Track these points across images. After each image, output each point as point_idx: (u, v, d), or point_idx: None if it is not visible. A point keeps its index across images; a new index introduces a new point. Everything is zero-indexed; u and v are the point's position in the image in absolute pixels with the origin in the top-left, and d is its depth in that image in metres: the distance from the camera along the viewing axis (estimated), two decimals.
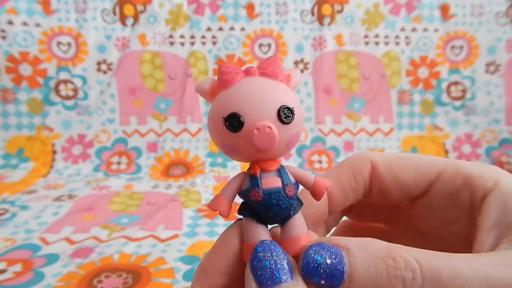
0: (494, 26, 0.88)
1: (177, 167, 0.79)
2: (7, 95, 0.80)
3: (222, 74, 0.15)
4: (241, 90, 0.14)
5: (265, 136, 0.13)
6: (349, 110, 0.89)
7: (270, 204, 0.14)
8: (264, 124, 0.13)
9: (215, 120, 0.14)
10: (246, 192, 0.15)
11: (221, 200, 0.15)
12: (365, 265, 0.12)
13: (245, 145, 0.14)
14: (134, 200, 0.61)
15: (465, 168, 0.17)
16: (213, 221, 0.52)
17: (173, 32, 0.85)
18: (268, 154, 0.14)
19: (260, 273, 0.13)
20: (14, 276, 0.38)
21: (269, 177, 0.15)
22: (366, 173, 0.18)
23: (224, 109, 0.14)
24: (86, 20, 0.82)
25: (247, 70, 0.15)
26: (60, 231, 0.48)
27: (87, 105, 0.83)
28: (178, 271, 0.39)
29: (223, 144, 0.15)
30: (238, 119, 0.14)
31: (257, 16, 0.87)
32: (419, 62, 0.90)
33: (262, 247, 0.13)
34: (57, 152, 0.79)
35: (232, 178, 0.16)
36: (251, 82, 0.14)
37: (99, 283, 0.36)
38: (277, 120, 0.14)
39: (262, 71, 0.15)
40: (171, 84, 0.86)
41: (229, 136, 0.14)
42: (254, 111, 0.14)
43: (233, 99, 0.14)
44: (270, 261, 0.13)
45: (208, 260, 0.16)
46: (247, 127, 0.14)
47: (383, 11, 0.89)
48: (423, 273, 0.12)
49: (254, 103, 0.14)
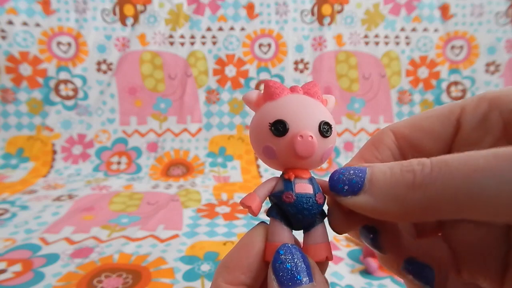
0: (494, 26, 0.88)
1: (177, 167, 0.79)
2: (7, 95, 0.80)
3: (270, 87, 0.16)
4: (287, 102, 0.16)
5: (307, 143, 0.15)
6: (349, 110, 0.89)
7: (301, 208, 0.15)
8: (307, 133, 0.15)
9: (260, 125, 0.16)
10: (279, 193, 0.16)
11: (255, 198, 0.16)
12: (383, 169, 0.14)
13: (286, 150, 0.15)
14: (134, 200, 0.61)
15: (490, 93, 0.16)
16: (213, 221, 0.52)
17: (173, 32, 0.85)
18: (303, 163, 0.16)
19: (282, 274, 0.14)
20: (14, 276, 0.38)
21: (302, 183, 0.16)
22: (389, 141, 0.18)
23: (271, 116, 0.15)
24: (86, 20, 0.82)
25: (292, 88, 0.17)
26: (60, 231, 0.48)
27: (87, 105, 0.83)
28: (178, 271, 0.39)
29: (265, 146, 0.16)
30: (284, 125, 0.15)
31: (257, 16, 0.87)
32: (419, 62, 0.90)
33: (284, 250, 0.14)
34: (57, 152, 0.79)
35: (266, 180, 0.17)
36: (296, 97, 0.16)
37: (99, 283, 0.36)
38: (317, 132, 0.15)
39: (305, 90, 0.17)
40: (171, 84, 0.86)
41: (273, 139, 0.15)
42: (299, 121, 0.15)
43: (280, 108, 0.16)
44: (291, 263, 0.14)
45: (232, 256, 0.16)
46: (291, 134, 0.15)
47: (383, 11, 0.89)
48: (432, 163, 0.13)
49: (299, 114, 0.15)
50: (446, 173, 0.12)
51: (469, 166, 0.12)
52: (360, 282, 0.37)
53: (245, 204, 0.15)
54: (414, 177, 0.13)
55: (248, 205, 0.15)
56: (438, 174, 0.12)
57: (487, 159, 0.12)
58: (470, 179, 0.12)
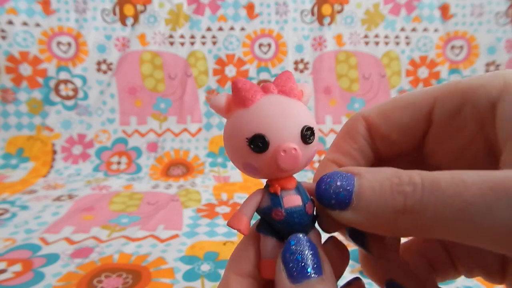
0: (494, 26, 0.88)
1: (177, 167, 0.79)
2: (7, 95, 0.80)
3: (240, 91, 0.15)
4: (263, 110, 0.14)
5: (291, 157, 0.14)
6: (349, 110, 0.89)
7: (292, 223, 0.15)
8: (290, 146, 0.14)
9: (236, 139, 0.14)
10: (267, 210, 0.15)
11: (241, 219, 0.15)
12: (372, 184, 0.13)
13: (269, 165, 0.14)
14: (134, 200, 0.61)
15: (463, 83, 0.15)
16: (213, 221, 0.52)
17: (173, 32, 0.85)
18: (286, 173, 0.15)
19: (292, 265, 0.13)
20: (14, 276, 0.38)
21: (290, 195, 0.15)
22: (362, 130, 0.17)
23: (248, 129, 0.14)
24: (86, 20, 0.82)
25: (265, 87, 0.15)
26: (60, 231, 0.48)
27: (87, 105, 0.83)
28: (178, 271, 0.39)
29: (245, 163, 0.15)
30: (263, 140, 0.14)
31: (257, 16, 0.87)
32: (419, 62, 0.90)
33: (295, 241, 0.14)
34: (57, 152, 0.79)
35: (251, 195, 0.16)
36: (272, 102, 0.14)
37: (99, 283, 0.36)
38: (300, 141, 0.14)
39: (280, 88, 0.15)
40: (171, 84, 0.86)
41: (252, 156, 0.14)
42: (279, 132, 0.14)
43: (256, 120, 0.14)
44: (302, 255, 0.13)
45: (240, 249, 0.16)
46: (272, 149, 0.14)
47: (383, 11, 0.89)
48: (424, 184, 0.12)
49: (278, 124, 0.14)
50: (438, 200, 0.11)
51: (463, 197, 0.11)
52: None
53: (233, 227, 0.15)
54: (404, 201, 0.12)
55: (237, 228, 0.15)
56: (429, 199, 0.12)
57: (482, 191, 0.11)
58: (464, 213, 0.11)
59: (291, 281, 0.13)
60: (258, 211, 0.15)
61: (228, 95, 0.15)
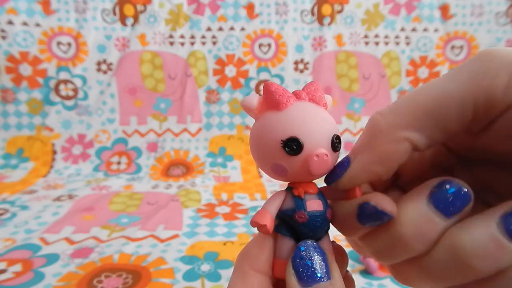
0: (494, 26, 0.88)
1: (177, 167, 0.79)
2: (7, 95, 0.80)
3: (273, 94, 0.15)
4: (297, 115, 0.15)
5: (323, 163, 0.14)
6: (349, 110, 0.89)
7: (314, 227, 0.15)
8: (323, 152, 0.14)
9: (269, 140, 0.15)
10: (290, 212, 0.15)
11: (266, 215, 0.15)
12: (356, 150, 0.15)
13: (299, 169, 0.15)
14: (134, 200, 0.61)
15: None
16: (213, 221, 0.52)
17: (173, 32, 0.85)
18: (312, 178, 0.15)
19: (302, 270, 0.14)
20: (14, 276, 0.38)
21: (313, 199, 0.15)
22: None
23: (282, 131, 0.14)
24: (86, 20, 0.82)
25: (296, 94, 0.16)
26: (60, 231, 0.48)
27: (87, 105, 0.83)
28: (178, 271, 0.39)
29: (274, 164, 0.15)
30: (298, 143, 0.14)
31: (257, 16, 0.87)
32: (419, 62, 0.90)
33: (305, 247, 0.14)
34: (57, 152, 0.79)
35: (274, 195, 0.16)
36: (304, 107, 0.15)
37: (99, 283, 0.36)
38: (330, 148, 0.15)
39: (310, 97, 0.16)
40: (171, 84, 0.86)
41: (285, 158, 0.14)
42: (313, 137, 0.14)
43: (290, 123, 0.14)
44: (312, 260, 0.14)
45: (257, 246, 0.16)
46: (306, 152, 0.14)
47: (383, 11, 0.89)
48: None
49: (313, 130, 0.14)
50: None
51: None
52: (360, 282, 0.37)
53: (258, 223, 0.15)
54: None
55: (262, 224, 0.15)
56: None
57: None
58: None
59: (301, 285, 0.14)
60: (280, 213, 0.16)
61: (259, 96, 0.16)
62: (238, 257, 0.16)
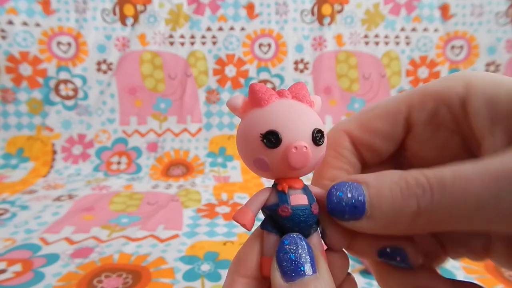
0: (494, 26, 0.88)
1: (177, 167, 0.79)
2: (7, 95, 0.80)
3: (257, 93, 0.15)
4: (278, 110, 0.15)
5: (301, 155, 0.14)
6: (349, 110, 0.89)
7: (298, 221, 0.15)
8: (301, 144, 0.14)
9: (250, 135, 0.15)
10: (274, 207, 0.15)
11: (247, 213, 0.15)
12: (382, 192, 0.14)
13: (279, 162, 0.15)
14: (134, 200, 0.61)
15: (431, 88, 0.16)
16: (213, 221, 0.52)
17: (173, 32, 0.85)
18: (296, 173, 0.15)
19: (286, 264, 0.14)
20: (14, 276, 0.38)
21: (297, 194, 0.15)
22: (346, 144, 0.18)
23: (262, 125, 0.15)
24: (86, 20, 0.82)
25: (280, 92, 0.16)
26: (60, 231, 0.48)
27: (87, 105, 0.83)
28: (178, 271, 0.39)
29: (256, 159, 0.15)
30: (276, 136, 0.14)
31: (257, 16, 0.87)
32: (419, 62, 0.90)
33: (289, 240, 0.14)
34: (57, 152, 0.79)
35: (258, 192, 0.16)
36: (286, 104, 0.15)
37: (99, 283, 0.36)
38: (311, 141, 0.15)
39: (293, 94, 0.16)
40: (171, 84, 0.86)
41: (264, 151, 0.15)
42: (292, 131, 0.15)
43: (270, 118, 0.15)
44: (296, 254, 0.14)
45: (245, 249, 0.16)
46: (284, 145, 0.14)
47: (383, 11, 0.89)
48: (431, 185, 0.13)
49: (292, 124, 0.15)
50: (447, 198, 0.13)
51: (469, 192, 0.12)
52: (360, 282, 0.37)
53: (238, 221, 0.15)
54: (417, 203, 0.13)
55: (242, 223, 0.15)
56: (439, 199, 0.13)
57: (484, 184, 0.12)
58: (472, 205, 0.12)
59: (285, 280, 0.13)
60: (265, 208, 0.16)
61: (244, 96, 0.16)
62: (230, 263, 0.16)
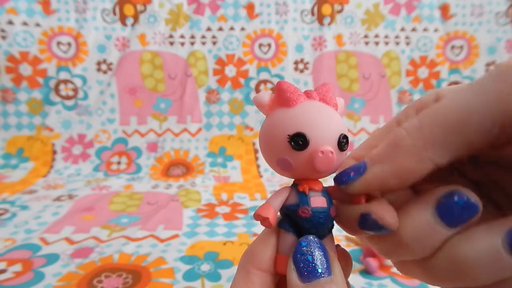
0: (494, 26, 0.88)
1: (177, 167, 0.79)
2: (7, 95, 0.80)
3: (285, 92, 0.15)
4: (306, 112, 0.15)
5: (327, 159, 0.15)
6: (349, 110, 0.89)
7: (317, 222, 0.15)
8: (328, 149, 0.14)
9: (276, 135, 0.15)
10: (293, 207, 0.16)
11: (271, 209, 0.15)
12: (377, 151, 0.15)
13: (304, 164, 0.15)
14: (134, 200, 0.61)
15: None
16: (213, 221, 0.52)
17: (173, 32, 0.85)
18: (318, 175, 0.16)
19: (302, 265, 0.14)
20: (14, 276, 0.38)
21: (317, 196, 0.16)
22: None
23: (290, 126, 0.15)
24: (86, 20, 0.82)
25: (307, 93, 0.16)
26: (60, 231, 0.48)
27: (87, 105, 0.83)
28: (178, 271, 0.39)
29: (280, 159, 0.15)
30: (304, 138, 0.14)
31: (257, 16, 0.87)
32: (419, 62, 0.90)
33: (306, 242, 0.15)
34: (57, 152, 0.79)
35: (279, 190, 0.16)
36: (314, 106, 0.15)
37: (99, 283, 0.36)
38: (336, 146, 0.15)
39: (321, 97, 0.16)
40: (171, 84, 0.86)
41: (290, 152, 0.15)
42: (319, 135, 0.15)
43: (299, 119, 0.15)
44: (313, 256, 0.14)
45: (260, 243, 0.16)
46: (311, 148, 0.15)
47: (383, 11, 0.89)
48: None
49: (319, 127, 0.15)
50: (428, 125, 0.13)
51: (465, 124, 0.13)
52: (360, 282, 0.37)
53: (261, 216, 0.15)
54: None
55: (265, 217, 0.15)
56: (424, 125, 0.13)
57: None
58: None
59: (301, 281, 0.14)
60: (284, 208, 0.16)
61: (271, 93, 0.16)
62: (242, 255, 0.16)
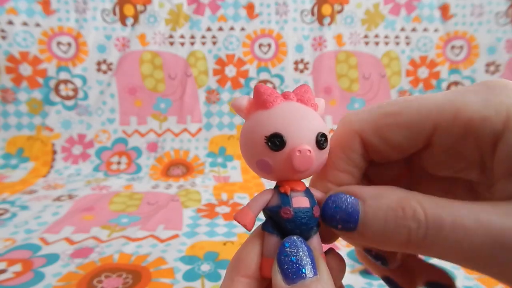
0: (494, 26, 0.88)
1: (177, 167, 0.79)
2: (7, 95, 0.80)
3: (262, 94, 0.15)
4: (283, 113, 0.15)
5: (305, 158, 0.15)
6: (349, 110, 0.89)
7: (299, 223, 0.15)
8: (305, 148, 0.14)
9: (254, 137, 0.15)
10: (276, 208, 0.16)
11: (248, 214, 0.15)
12: (377, 214, 0.14)
13: (283, 164, 0.15)
14: (134, 200, 0.61)
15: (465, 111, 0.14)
16: (213, 221, 0.52)
17: (173, 32, 0.85)
18: (298, 175, 0.16)
19: (287, 267, 0.14)
20: (14, 276, 0.38)
21: (299, 196, 0.16)
22: (357, 147, 0.17)
23: (267, 128, 0.15)
24: (86, 20, 0.82)
25: (285, 94, 0.16)
26: (60, 231, 0.48)
27: (87, 105, 0.83)
28: (178, 271, 0.39)
29: (259, 160, 0.15)
30: (281, 139, 0.14)
31: (257, 16, 0.87)
32: (419, 62, 0.90)
33: (290, 243, 0.14)
34: (57, 152, 0.79)
35: (260, 193, 0.16)
36: (291, 106, 0.16)
37: (99, 283, 0.36)
38: (314, 145, 0.15)
39: (299, 97, 0.16)
40: (171, 84, 0.86)
41: (268, 153, 0.15)
42: (296, 134, 0.15)
43: (275, 120, 0.15)
44: (297, 256, 0.14)
45: (245, 249, 0.16)
46: (288, 148, 0.15)
47: (383, 11, 0.89)
48: (428, 223, 0.13)
49: (296, 127, 0.15)
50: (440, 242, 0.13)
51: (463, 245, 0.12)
52: (360, 282, 0.37)
53: (239, 221, 0.15)
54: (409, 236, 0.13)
55: (243, 224, 0.15)
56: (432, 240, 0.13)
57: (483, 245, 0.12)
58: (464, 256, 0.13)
59: (286, 282, 0.14)
60: (266, 210, 0.16)
61: (249, 97, 0.16)
62: (229, 263, 0.16)
